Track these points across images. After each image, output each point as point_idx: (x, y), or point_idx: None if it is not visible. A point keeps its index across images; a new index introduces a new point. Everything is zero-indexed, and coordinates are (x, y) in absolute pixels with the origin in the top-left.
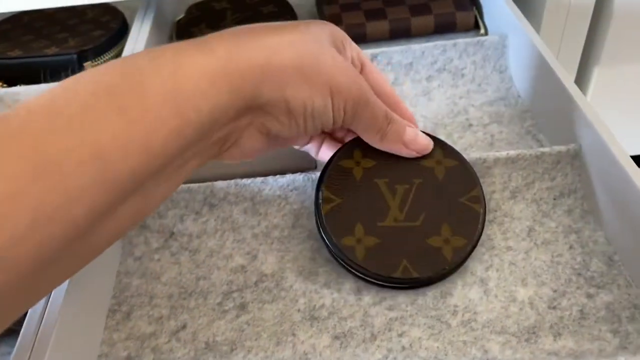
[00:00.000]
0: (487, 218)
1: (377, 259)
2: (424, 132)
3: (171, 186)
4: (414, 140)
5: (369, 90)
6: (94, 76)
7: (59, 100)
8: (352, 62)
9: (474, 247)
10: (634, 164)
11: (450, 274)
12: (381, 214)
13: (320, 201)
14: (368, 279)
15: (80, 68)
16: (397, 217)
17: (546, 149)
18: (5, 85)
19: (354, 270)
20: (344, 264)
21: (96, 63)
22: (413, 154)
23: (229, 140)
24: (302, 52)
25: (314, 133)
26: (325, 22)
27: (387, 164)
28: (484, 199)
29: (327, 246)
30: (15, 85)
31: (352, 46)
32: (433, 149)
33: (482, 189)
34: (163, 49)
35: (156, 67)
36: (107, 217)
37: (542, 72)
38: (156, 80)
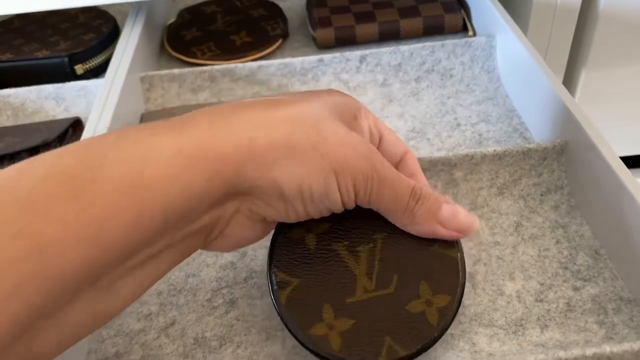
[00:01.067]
0: (475, 214)
1: (355, 343)
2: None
3: (143, 282)
4: (453, 219)
5: (384, 166)
6: (50, 159)
7: (6, 185)
8: (370, 134)
9: (460, 303)
10: (620, 159)
11: (439, 339)
12: (348, 287)
13: (275, 287)
14: None
15: (72, 71)
16: (367, 286)
17: (532, 145)
18: None
19: None
20: (319, 357)
21: (87, 66)
22: (455, 235)
23: (216, 229)
24: (296, 127)
25: (320, 215)
26: (338, 91)
27: (342, 224)
28: (459, 242)
29: (296, 338)
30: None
31: (368, 116)
32: None
33: None
34: (132, 129)
35: (119, 150)
36: (56, 313)
37: (529, 71)
38: (117, 165)
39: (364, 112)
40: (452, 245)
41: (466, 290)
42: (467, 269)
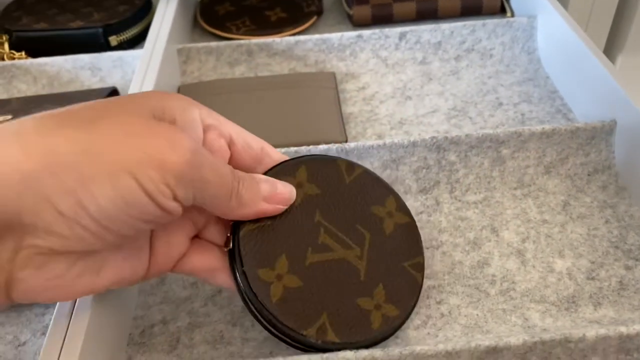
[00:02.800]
0: (520, 193)
1: (293, 305)
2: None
3: None
4: (275, 193)
5: (199, 152)
6: None
7: None
8: (207, 127)
9: (405, 320)
10: None
11: (373, 346)
12: (311, 244)
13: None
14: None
15: (106, 42)
16: (332, 246)
17: (581, 124)
18: (29, 57)
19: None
20: (254, 304)
21: (121, 37)
22: (279, 209)
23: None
24: (58, 136)
25: (133, 233)
26: (147, 95)
27: (331, 202)
28: (423, 267)
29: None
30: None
31: (203, 113)
32: (387, 198)
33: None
34: None
35: None
36: None
37: (575, 51)
38: None
39: (176, 107)
40: (421, 270)
41: (515, 266)
42: (516, 246)
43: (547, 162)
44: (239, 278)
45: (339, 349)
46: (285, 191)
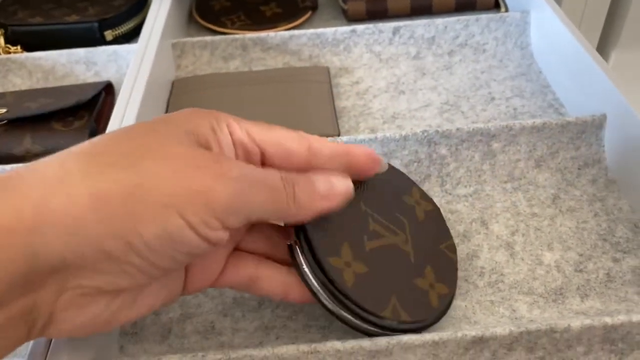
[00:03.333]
0: (510, 186)
1: (366, 288)
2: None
3: None
4: (333, 189)
5: (244, 175)
6: None
7: None
8: (237, 144)
9: (453, 297)
10: None
11: (435, 323)
12: (366, 231)
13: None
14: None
15: (102, 36)
16: (383, 233)
17: (571, 119)
18: (24, 51)
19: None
20: (332, 289)
21: (117, 32)
22: (340, 204)
23: (39, 318)
24: (103, 176)
25: (178, 266)
26: (188, 113)
27: (369, 193)
28: (455, 248)
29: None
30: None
31: (232, 128)
32: (412, 188)
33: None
34: None
35: None
36: None
37: (567, 46)
38: None
39: (222, 125)
40: (454, 251)
41: (504, 259)
42: (505, 239)
43: (538, 156)
44: (309, 269)
45: (411, 330)
46: (342, 186)
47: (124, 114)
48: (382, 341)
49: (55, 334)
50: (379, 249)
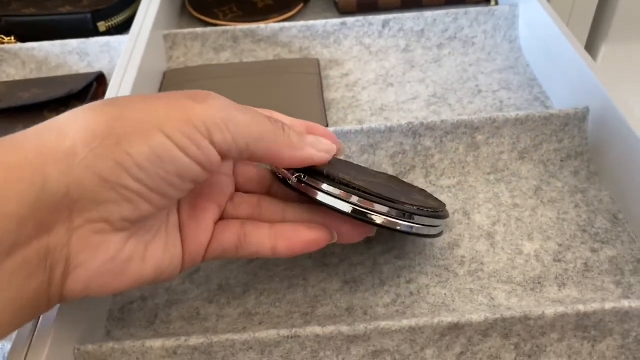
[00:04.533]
0: (493, 178)
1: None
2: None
3: None
4: (318, 140)
5: (228, 103)
6: None
7: None
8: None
9: (444, 206)
10: None
11: (445, 217)
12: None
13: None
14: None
15: (95, 28)
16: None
17: (555, 111)
18: (18, 42)
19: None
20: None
21: (110, 23)
22: (326, 156)
23: (56, 266)
24: (95, 114)
25: (177, 193)
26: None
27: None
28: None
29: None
30: None
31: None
32: (365, 170)
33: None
34: None
35: None
36: None
37: (553, 40)
38: None
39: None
40: (426, 192)
41: (484, 248)
42: (487, 229)
43: (521, 148)
44: (327, 182)
45: (433, 216)
46: (326, 141)
47: None
48: (360, 327)
49: (72, 286)
50: (367, 181)
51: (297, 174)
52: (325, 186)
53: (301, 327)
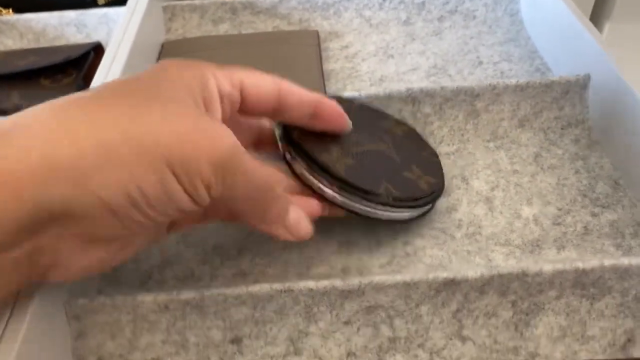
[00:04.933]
0: (493, 145)
1: (358, 175)
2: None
3: None
4: (297, 226)
5: (239, 151)
6: None
7: None
8: (224, 97)
9: (443, 186)
10: None
11: (427, 205)
12: (349, 140)
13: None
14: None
15: (93, 0)
16: (366, 141)
17: (555, 78)
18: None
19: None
20: (327, 177)
21: None
22: (290, 239)
23: (40, 261)
24: (106, 124)
25: (170, 218)
26: (173, 65)
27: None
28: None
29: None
30: None
31: (218, 81)
32: (386, 119)
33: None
34: None
35: None
36: None
37: (554, 11)
38: None
39: (213, 79)
40: (437, 156)
41: (482, 212)
42: (485, 194)
43: (521, 116)
44: (304, 163)
45: (406, 207)
46: (305, 227)
47: (107, 72)
48: (354, 281)
49: (53, 278)
50: (365, 152)
51: (288, 150)
52: (304, 171)
53: (294, 282)
